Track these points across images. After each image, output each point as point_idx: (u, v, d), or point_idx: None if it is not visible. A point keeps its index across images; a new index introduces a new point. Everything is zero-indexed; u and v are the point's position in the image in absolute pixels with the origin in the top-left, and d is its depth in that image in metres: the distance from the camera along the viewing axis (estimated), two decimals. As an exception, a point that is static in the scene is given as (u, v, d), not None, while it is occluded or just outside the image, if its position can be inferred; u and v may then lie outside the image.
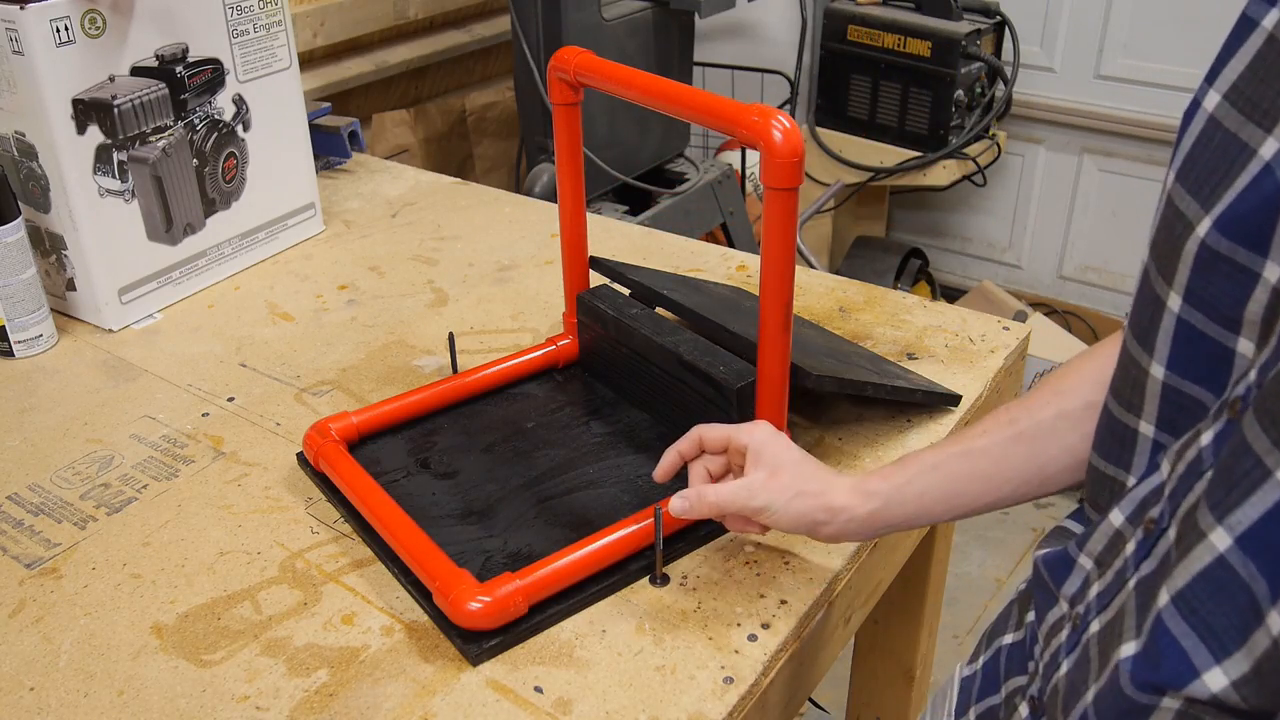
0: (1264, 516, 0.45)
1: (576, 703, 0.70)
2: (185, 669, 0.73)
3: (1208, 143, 0.52)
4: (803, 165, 0.73)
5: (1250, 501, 0.46)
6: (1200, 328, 0.52)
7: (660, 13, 1.98)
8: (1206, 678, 0.47)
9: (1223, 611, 0.47)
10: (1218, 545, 0.47)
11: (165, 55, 1.14)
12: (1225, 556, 0.47)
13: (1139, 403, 0.58)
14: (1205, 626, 0.48)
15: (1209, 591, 0.48)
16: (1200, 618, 0.48)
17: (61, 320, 1.17)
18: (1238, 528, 0.46)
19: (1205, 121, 0.52)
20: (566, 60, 0.87)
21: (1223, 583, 0.47)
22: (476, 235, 1.36)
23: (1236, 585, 0.46)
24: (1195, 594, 0.48)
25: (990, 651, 0.73)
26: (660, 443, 0.92)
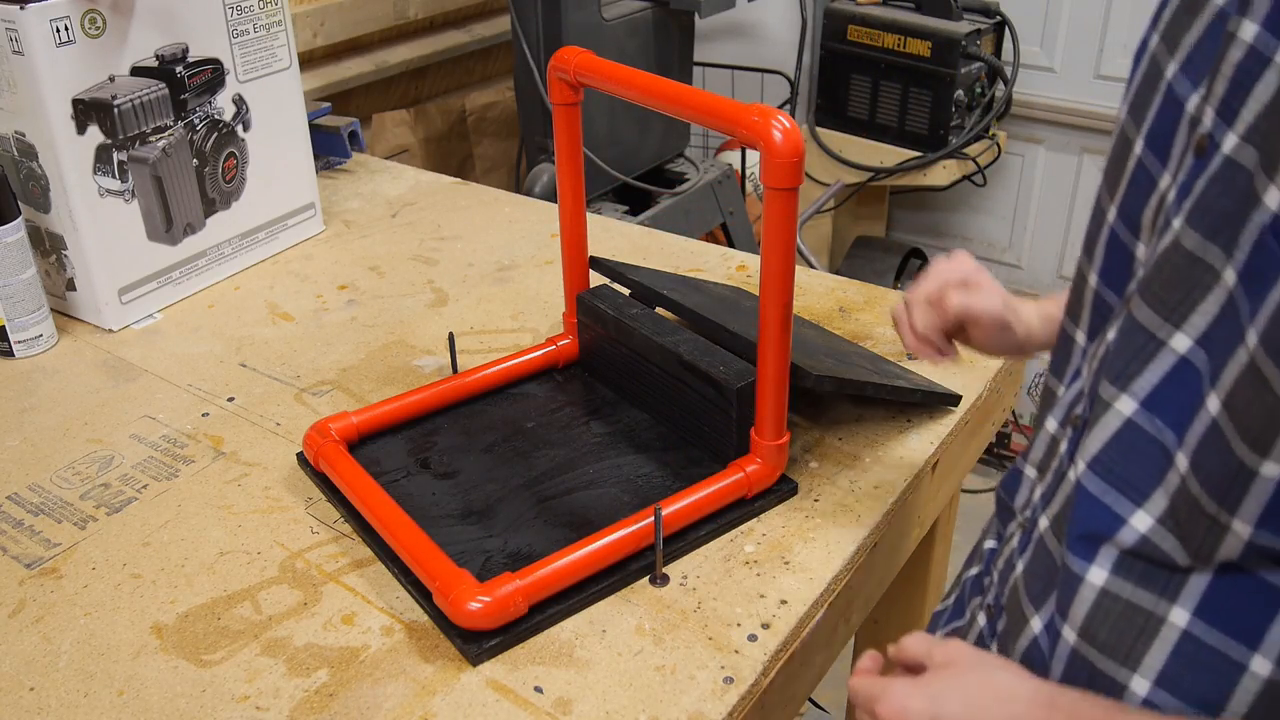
0: (1163, 379, 0.53)
1: (576, 703, 0.70)
2: (185, 669, 0.73)
3: (1145, 76, 0.59)
4: (803, 165, 0.73)
5: (1149, 369, 0.53)
6: (1121, 236, 0.60)
7: (660, 13, 1.98)
8: (1133, 521, 0.54)
9: (1137, 464, 0.54)
10: (1124, 411, 0.55)
11: (165, 55, 1.14)
12: (1132, 419, 0.54)
13: (1079, 312, 0.64)
14: (1123, 481, 0.55)
15: (1121, 451, 0.55)
16: (1116, 474, 0.55)
17: (61, 320, 1.17)
18: (1141, 393, 0.54)
19: (1147, 60, 0.59)
20: (566, 60, 0.87)
21: (1132, 441, 0.55)
22: (476, 235, 1.36)
23: (1145, 440, 0.54)
24: (1110, 456, 0.56)
25: (958, 588, 0.76)
26: (660, 443, 0.93)
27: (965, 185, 2.63)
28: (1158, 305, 0.53)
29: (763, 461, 0.84)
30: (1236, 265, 0.48)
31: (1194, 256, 0.51)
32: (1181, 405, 0.52)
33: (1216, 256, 0.49)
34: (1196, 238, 0.50)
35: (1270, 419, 0.46)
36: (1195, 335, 0.51)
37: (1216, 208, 0.50)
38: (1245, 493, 0.48)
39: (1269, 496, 0.47)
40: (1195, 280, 0.51)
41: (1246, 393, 0.47)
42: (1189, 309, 0.51)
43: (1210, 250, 0.50)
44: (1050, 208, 2.72)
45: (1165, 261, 0.53)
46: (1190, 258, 0.51)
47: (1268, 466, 0.47)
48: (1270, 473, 0.47)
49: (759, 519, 0.85)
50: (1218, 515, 0.49)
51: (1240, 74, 0.49)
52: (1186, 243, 0.51)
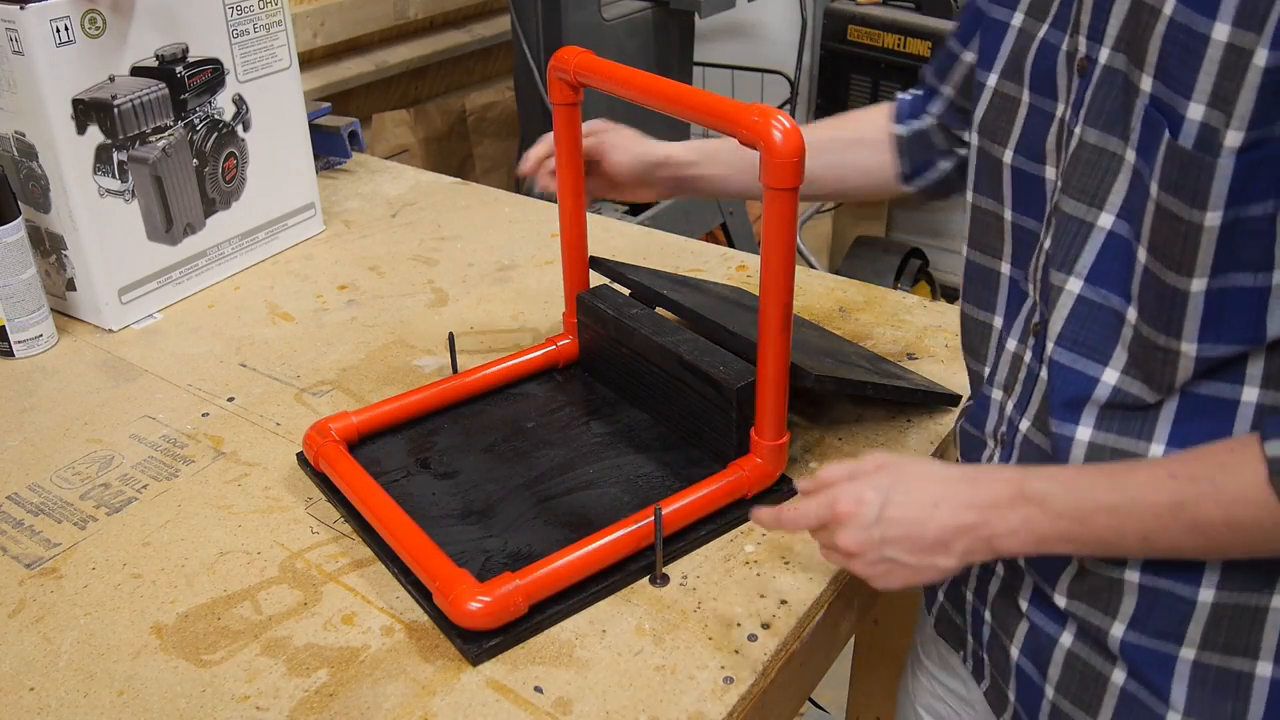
0: (1099, 254, 0.63)
1: (576, 703, 0.70)
2: (185, 669, 0.73)
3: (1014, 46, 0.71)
4: (803, 165, 0.73)
5: (1086, 249, 0.64)
6: (1025, 170, 0.70)
7: (660, 13, 1.98)
8: (1104, 377, 0.63)
9: (1095, 330, 0.64)
10: (1074, 289, 0.64)
11: (165, 55, 1.14)
12: (1082, 295, 0.64)
13: (996, 244, 0.75)
14: (1087, 347, 0.64)
15: (1078, 323, 0.65)
16: (1080, 343, 0.65)
17: (61, 320, 1.17)
18: (1084, 271, 0.64)
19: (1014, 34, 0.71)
20: (566, 60, 0.87)
21: (1087, 312, 0.64)
22: (476, 235, 1.36)
23: (1097, 308, 0.64)
24: (1071, 330, 0.65)
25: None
26: (660, 443, 0.93)
27: (965, 185, 2.62)
28: (1080, 195, 0.64)
29: (763, 461, 0.84)
30: (1133, 143, 0.60)
31: (1099, 149, 0.62)
32: (1119, 270, 0.62)
33: (1116, 144, 0.61)
34: (1097, 133, 0.62)
35: (1184, 243, 0.57)
36: (1115, 210, 0.62)
37: (1107, 106, 0.62)
38: (1183, 314, 0.58)
39: (1201, 309, 0.57)
40: (1105, 167, 0.62)
41: (1162, 231, 0.58)
42: (1106, 191, 0.62)
43: (1110, 140, 0.62)
44: (1050, 208, 2.72)
45: (1077, 160, 0.64)
46: (1096, 150, 0.62)
47: (1194, 283, 0.57)
48: (1197, 288, 0.57)
49: (759, 519, 0.85)
50: (1167, 344, 0.59)
51: (1099, 2, 0.62)
52: (1090, 139, 0.63)
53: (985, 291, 0.76)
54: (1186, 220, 0.56)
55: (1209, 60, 0.54)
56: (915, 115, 0.91)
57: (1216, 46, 0.54)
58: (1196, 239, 0.56)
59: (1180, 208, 0.56)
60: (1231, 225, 0.55)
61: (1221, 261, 0.56)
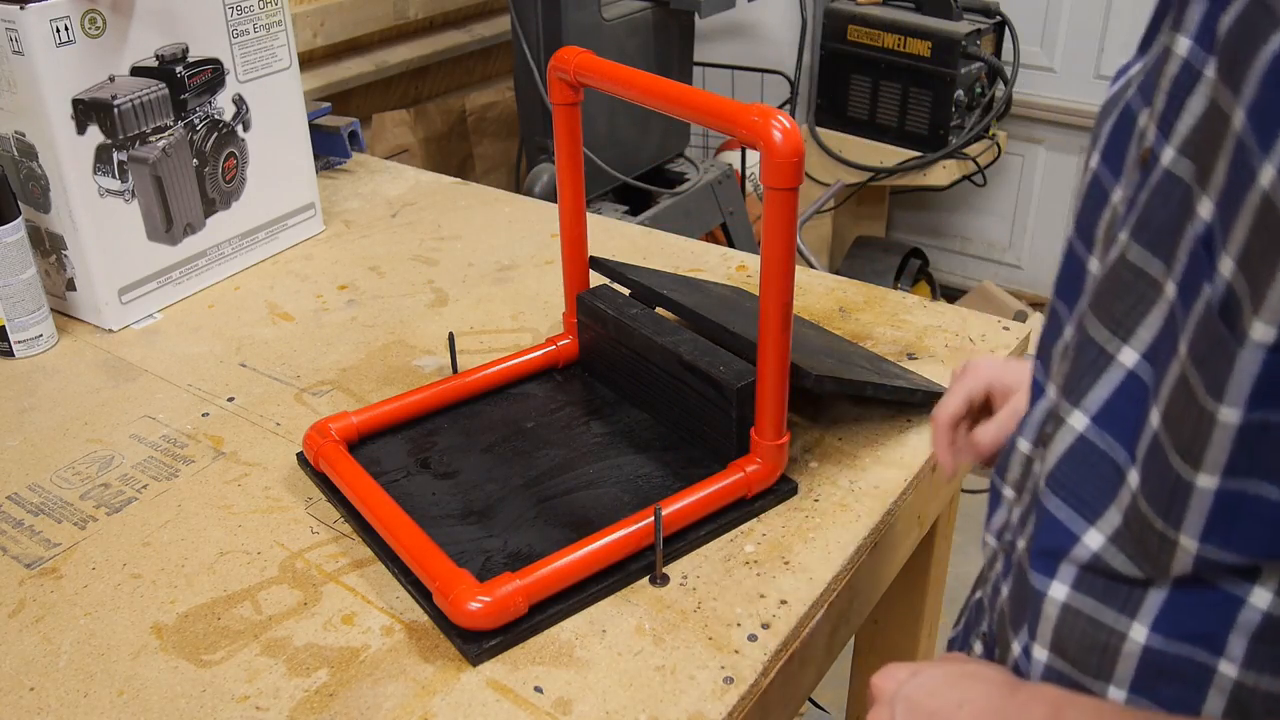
0: (1113, 394, 0.53)
1: (576, 703, 0.70)
2: (185, 669, 0.73)
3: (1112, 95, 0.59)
4: (803, 165, 0.73)
5: (1100, 383, 0.54)
6: (1076, 250, 0.60)
7: (660, 13, 1.98)
8: (1086, 538, 0.54)
9: (1089, 481, 0.54)
10: (1077, 426, 0.55)
11: (165, 55, 1.14)
12: (1084, 435, 0.55)
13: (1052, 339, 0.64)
14: (1076, 497, 0.55)
15: (1073, 466, 0.55)
16: (1070, 490, 0.55)
17: (61, 320, 1.17)
18: (1092, 408, 0.54)
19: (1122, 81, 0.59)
20: (566, 60, 0.87)
21: (1085, 456, 0.55)
22: (476, 235, 1.36)
23: (1097, 456, 0.54)
24: (1064, 472, 0.56)
25: (968, 611, 0.76)
26: (660, 443, 0.93)
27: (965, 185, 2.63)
28: (1106, 319, 0.53)
29: (763, 461, 0.84)
30: (1175, 277, 0.48)
31: (1138, 269, 0.51)
32: (1131, 420, 0.52)
33: (1159, 269, 0.50)
34: (1140, 250, 0.51)
35: (1196, 430, 0.46)
36: (1142, 349, 0.51)
37: (1157, 220, 0.50)
38: (1185, 507, 0.48)
39: (1208, 509, 0.47)
40: (1140, 293, 0.51)
41: (1179, 404, 0.47)
42: (1135, 322, 0.51)
43: (1153, 263, 0.50)
44: (1050, 208, 2.72)
45: (1113, 274, 0.53)
46: (1135, 270, 0.51)
47: (1202, 478, 0.46)
48: (1205, 484, 0.47)
49: (759, 519, 0.85)
50: (1165, 531, 0.49)
51: (1175, 88, 0.49)
52: (1131, 255, 0.51)
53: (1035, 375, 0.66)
54: (1200, 404, 0.45)
55: (1248, 205, 0.42)
56: None
57: (1257, 191, 0.42)
58: (1209, 431, 0.45)
59: (1198, 385, 0.46)
60: (1256, 428, 0.44)
61: (1239, 464, 0.45)
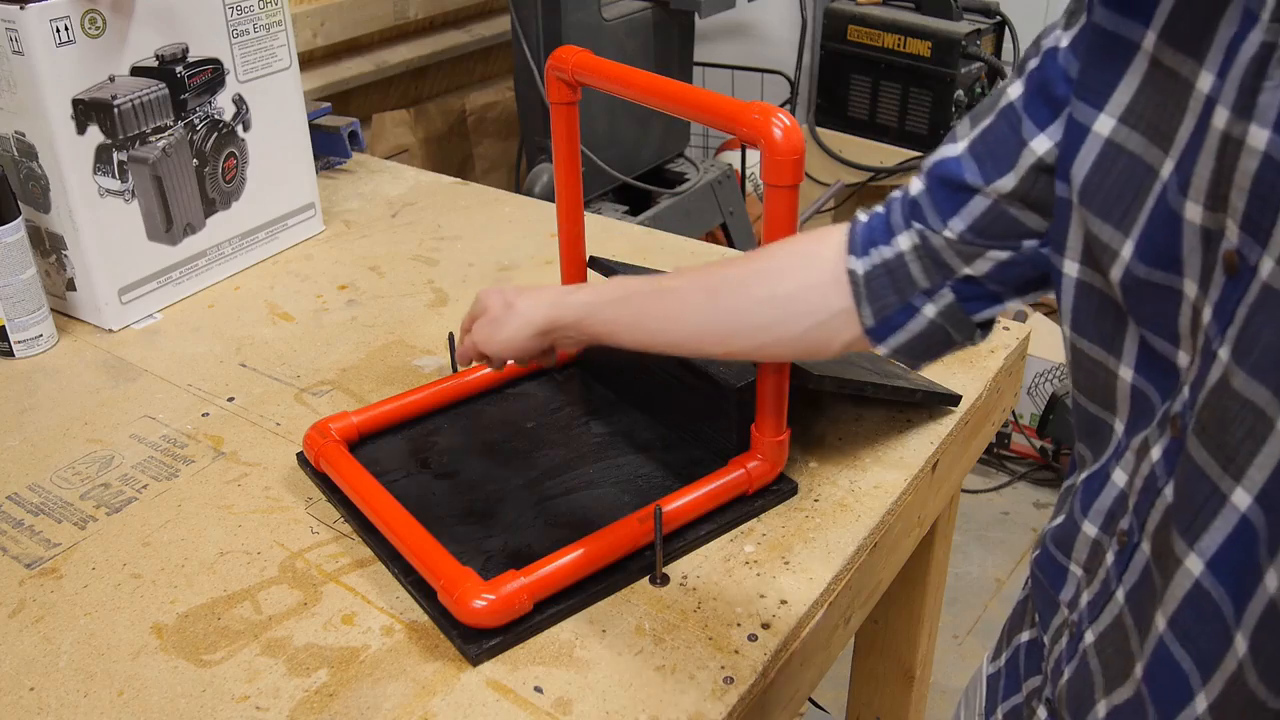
0: (1227, 540, 0.46)
1: (576, 703, 0.69)
2: (185, 669, 0.73)
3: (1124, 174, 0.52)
4: (803, 163, 0.73)
5: (1214, 526, 0.47)
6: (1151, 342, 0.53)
7: (660, 13, 1.98)
8: (1197, 701, 0.48)
9: (1205, 635, 0.48)
10: (1193, 570, 0.48)
11: (165, 55, 1.14)
12: (1200, 582, 0.48)
13: (1110, 401, 0.58)
14: (1196, 650, 0.49)
15: (1193, 617, 0.49)
16: (1192, 641, 0.49)
17: (61, 320, 1.17)
18: (1207, 552, 0.47)
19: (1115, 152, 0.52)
20: (565, 59, 0.87)
21: (1202, 609, 0.48)
22: (476, 235, 1.36)
23: (1213, 609, 0.47)
24: (1184, 618, 0.49)
25: (1011, 650, 0.73)
26: (660, 443, 0.93)
27: (965, 185, 2.62)
28: (1214, 450, 0.46)
29: (764, 458, 0.84)
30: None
31: (1243, 398, 0.44)
32: (1238, 568, 0.46)
33: (1268, 400, 0.43)
34: (1244, 377, 0.44)
35: None
36: (1254, 491, 0.45)
37: (1262, 341, 0.43)
38: None
39: None
40: (1248, 427, 0.44)
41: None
42: (1246, 460, 0.45)
43: (1259, 392, 0.43)
44: (1050, 208, 2.72)
45: (1216, 400, 0.46)
46: (1240, 399, 0.44)
47: None
48: None
49: (759, 519, 0.85)
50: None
51: (1261, 187, 0.43)
52: (1235, 382, 0.45)
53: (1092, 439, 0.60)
54: None
55: None
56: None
57: None
58: None
59: None
60: None
61: None
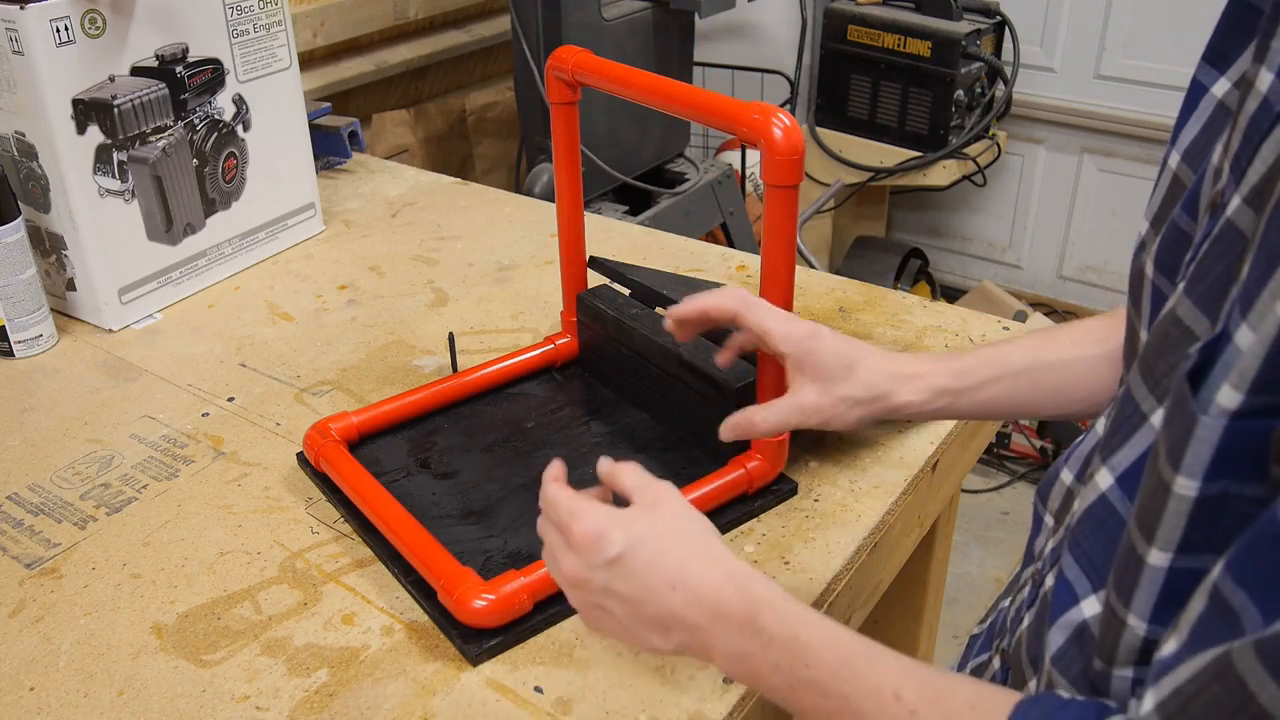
0: (1139, 457, 0.49)
1: (576, 703, 0.69)
2: (185, 669, 0.73)
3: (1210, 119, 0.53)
4: (803, 162, 0.73)
5: (1130, 443, 0.49)
6: (1163, 289, 0.54)
7: (660, 13, 1.98)
8: (1083, 604, 0.50)
9: (1101, 545, 0.50)
10: (1101, 485, 0.51)
11: (165, 55, 1.14)
12: (1106, 495, 0.50)
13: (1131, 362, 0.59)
14: (1088, 561, 0.51)
15: (1091, 528, 0.51)
16: (1083, 551, 0.52)
17: (61, 320, 1.17)
18: (1118, 468, 0.50)
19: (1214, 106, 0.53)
20: (564, 59, 0.87)
21: (1102, 519, 0.51)
22: (476, 235, 1.36)
23: (1114, 521, 0.50)
24: (1082, 531, 0.52)
25: (993, 614, 0.74)
26: (660, 443, 0.92)
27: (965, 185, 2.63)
28: (1146, 375, 0.49)
29: (763, 458, 0.84)
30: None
31: (1185, 326, 0.46)
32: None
33: (1204, 329, 0.45)
34: (1189, 305, 0.46)
35: (1153, 499, 0.43)
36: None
37: (1211, 274, 0.45)
38: (1136, 583, 0.44)
39: (1159, 588, 0.43)
40: (1182, 352, 0.46)
41: (1149, 474, 0.44)
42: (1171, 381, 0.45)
43: (1200, 321, 0.45)
44: (1050, 208, 2.72)
45: (1160, 329, 0.48)
46: (1182, 328, 0.46)
47: (1154, 554, 0.43)
48: (1156, 561, 0.43)
49: (759, 519, 0.85)
50: (1116, 606, 0.46)
51: (1252, 128, 0.44)
52: (1180, 310, 0.46)
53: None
54: (1160, 473, 0.43)
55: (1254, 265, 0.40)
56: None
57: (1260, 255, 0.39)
58: (1163, 501, 0.42)
59: (1161, 452, 0.43)
60: (1214, 501, 0.41)
61: (1193, 541, 0.42)
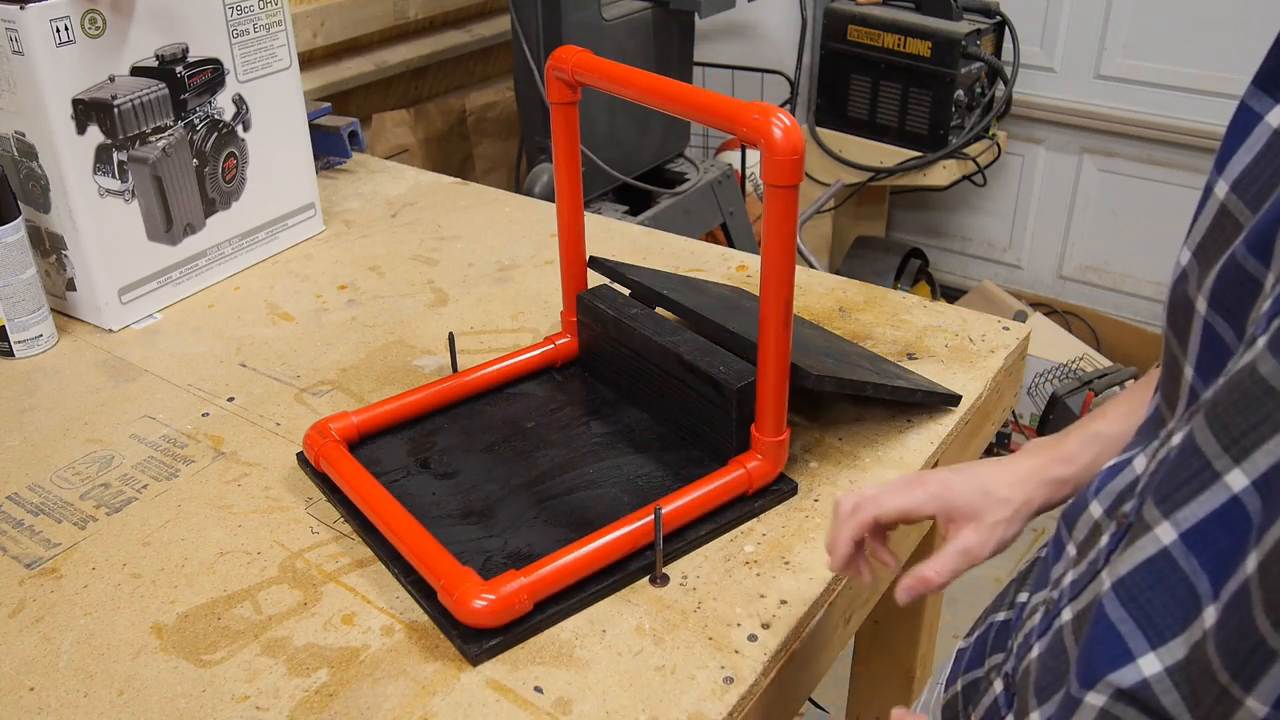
0: (1210, 516, 0.47)
1: (576, 703, 0.69)
2: (185, 669, 0.73)
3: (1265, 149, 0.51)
4: (803, 162, 0.73)
5: (1198, 500, 0.47)
6: (1218, 330, 0.52)
7: (660, 13, 1.98)
8: (1141, 662, 0.48)
9: (1162, 602, 0.48)
10: (1162, 539, 0.49)
11: (165, 55, 1.14)
12: (1169, 550, 0.48)
13: (1174, 399, 0.57)
14: (1144, 615, 0.49)
15: (1150, 582, 0.49)
16: (1139, 606, 0.49)
17: (61, 320, 1.17)
18: (1184, 524, 0.48)
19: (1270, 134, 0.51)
20: (564, 59, 0.87)
21: (1164, 574, 0.48)
22: (476, 235, 1.36)
23: (1177, 578, 0.48)
24: (1136, 583, 0.50)
25: (983, 627, 0.74)
26: (660, 443, 0.92)
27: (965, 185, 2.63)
28: (1220, 432, 0.46)
29: (763, 458, 0.84)
30: None
31: (1269, 386, 0.44)
32: (1223, 550, 0.46)
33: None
34: (1275, 365, 0.43)
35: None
36: (1254, 475, 0.44)
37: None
38: (1263, 672, 0.42)
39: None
40: (1266, 414, 0.44)
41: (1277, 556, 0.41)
42: (1253, 445, 0.44)
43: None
44: (1050, 208, 2.72)
45: (1238, 384, 0.46)
46: (1264, 386, 0.44)
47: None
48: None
49: (759, 519, 0.85)
50: (1229, 687, 0.44)
51: None
52: (1264, 369, 0.44)
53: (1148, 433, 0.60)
54: None
55: None
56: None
57: None
58: None
59: None
60: None
61: None
